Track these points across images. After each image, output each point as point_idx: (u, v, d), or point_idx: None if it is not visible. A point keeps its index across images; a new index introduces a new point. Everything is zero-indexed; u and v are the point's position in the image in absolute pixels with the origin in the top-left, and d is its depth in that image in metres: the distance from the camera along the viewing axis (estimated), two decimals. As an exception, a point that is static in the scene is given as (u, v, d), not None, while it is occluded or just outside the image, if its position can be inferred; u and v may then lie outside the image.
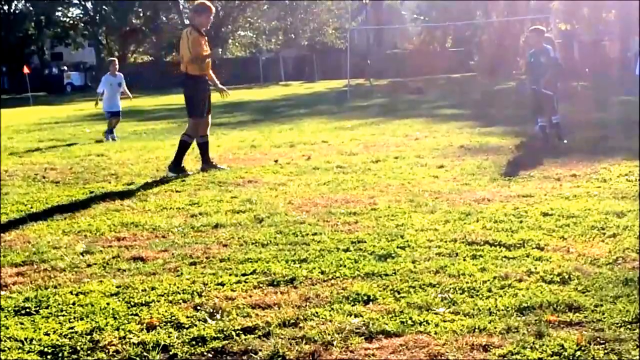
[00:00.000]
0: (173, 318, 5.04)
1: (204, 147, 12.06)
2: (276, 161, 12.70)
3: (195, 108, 11.91)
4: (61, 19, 76.01)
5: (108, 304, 5.37)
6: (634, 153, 11.71)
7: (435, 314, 4.94)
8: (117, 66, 19.75)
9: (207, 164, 11.95)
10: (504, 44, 59.79)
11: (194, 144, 12.17)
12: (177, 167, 11.72)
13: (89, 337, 4.79)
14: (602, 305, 4.96)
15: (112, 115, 19.34)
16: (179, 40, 12.36)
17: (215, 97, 12.46)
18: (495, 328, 4.67)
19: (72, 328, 4.95)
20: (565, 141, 13.64)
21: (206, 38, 12.02)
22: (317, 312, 5.03)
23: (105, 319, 5.08)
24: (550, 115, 14.03)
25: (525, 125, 16.00)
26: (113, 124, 19.20)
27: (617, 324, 4.67)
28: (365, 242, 6.86)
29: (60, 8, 75.33)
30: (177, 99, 38.20)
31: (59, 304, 5.41)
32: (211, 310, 5.15)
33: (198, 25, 11.88)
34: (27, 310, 5.33)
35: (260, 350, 4.49)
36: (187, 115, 12.22)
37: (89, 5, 75.49)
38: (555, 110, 14.05)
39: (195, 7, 12.11)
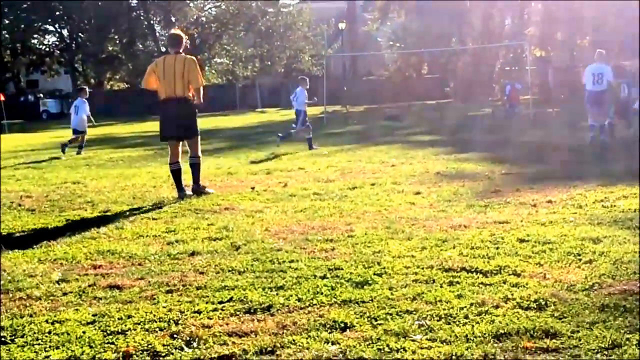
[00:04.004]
0: (149, 346, 5.00)
1: (197, 167, 12.27)
2: (253, 188, 12.68)
3: (197, 127, 12.24)
4: (37, 46, 75.96)
5: (84, 332, 5.33)
6: (609, 179, 11.80)
7: (413, 341, 4.93)
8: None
9: (197, 185, 12.20)
10: (480, 70, 60.26)
11: (168, 171, 12.30)
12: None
13: (64, 366, 4.76)
14: (578, 332, 4.96)
15: None
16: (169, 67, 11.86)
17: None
18: (472, 355, 4.66)
19: (47, 357, 4.91)
20: None
21: None
22: (294, 340, 5.01)
23: (81, 347, 5.04)
24: None
25: (502, 151, 16.05)
26: None
27: (594, 350, 4.67)
28: (342, 269, 6.84)
29: (36, 35, 75.33)
30: (154, 126, 38.13)
31: (35, 333, 5.37)
32: (188, 339, 5.11)
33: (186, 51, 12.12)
34: (3, 339, 5.27)
35: (238, 378, 4.47)
36: (191, 137, 12.24)
37: (64, 32, 75.54)
38: None
39: (178, 36, 12.05)
